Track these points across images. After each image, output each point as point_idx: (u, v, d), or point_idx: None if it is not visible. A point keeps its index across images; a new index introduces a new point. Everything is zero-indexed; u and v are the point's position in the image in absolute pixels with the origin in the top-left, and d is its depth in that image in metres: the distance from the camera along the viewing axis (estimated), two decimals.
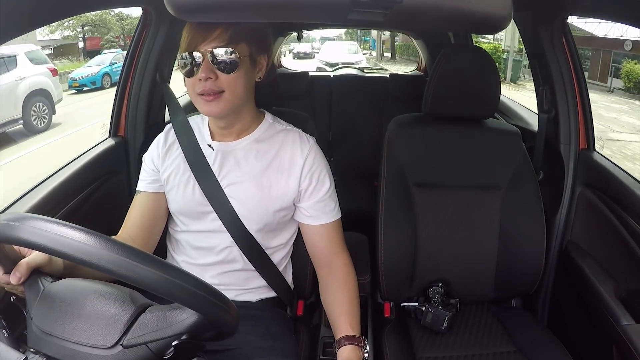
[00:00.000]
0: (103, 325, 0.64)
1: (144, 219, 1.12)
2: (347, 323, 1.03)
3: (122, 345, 0.63)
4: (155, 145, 1.15)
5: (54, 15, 0.90)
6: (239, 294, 1.12)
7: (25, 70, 7.19)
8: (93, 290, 0.69)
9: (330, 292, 1.10)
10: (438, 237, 1.34)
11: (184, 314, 0.65)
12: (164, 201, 1.13)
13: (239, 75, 0.98)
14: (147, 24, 1.50)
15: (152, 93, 1.57)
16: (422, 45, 3.28)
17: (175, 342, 0.63)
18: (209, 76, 0.96)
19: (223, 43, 0.95)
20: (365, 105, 2.81)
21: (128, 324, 0.65)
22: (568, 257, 1.44)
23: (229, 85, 0.98)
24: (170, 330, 0.64)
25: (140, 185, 1.14)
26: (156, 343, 0.64)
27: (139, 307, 0.67)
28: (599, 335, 1.26)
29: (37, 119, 7.38)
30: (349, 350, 0.98)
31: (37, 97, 7.30)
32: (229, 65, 0.96)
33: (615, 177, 1.32)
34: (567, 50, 1.45)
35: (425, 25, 0.97)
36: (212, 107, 0.99)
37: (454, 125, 1.38)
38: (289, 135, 1.12)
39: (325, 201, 1.11)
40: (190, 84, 0.99)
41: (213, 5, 0.69)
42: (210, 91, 0.97)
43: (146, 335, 0.64)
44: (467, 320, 1.38)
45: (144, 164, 1.15)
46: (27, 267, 0.73)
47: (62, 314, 0.66)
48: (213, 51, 0.95)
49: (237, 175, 1.07)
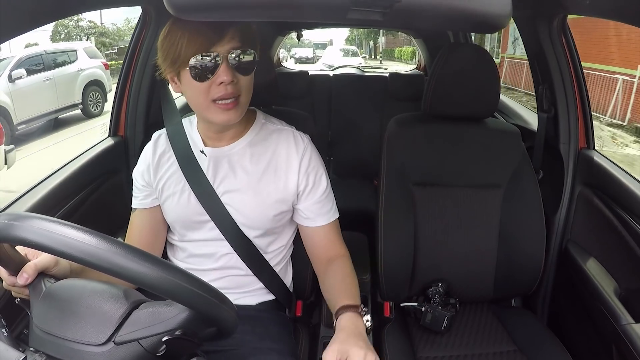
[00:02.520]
0: (96, 322, 0.64)
1: (143, 236, 1.11)
2: (345, 296, 0.96)
3: (114, 342, 0.63)
4: (143, 159, 1.11)
5: (53, 15, 0.90)
6: (238, 298, 1.12)
7: (84, 63, 8.43)
8: (89, 288, 0.69)
9: (327, 279, 1.06)
10: (438, 236, 1.34)
11: (175, 310, 0.64)
12: (160, 214, 1.11)
13: (252, 77, 0.95)
14: (147, 24, 1.50)
15: (151, 92, 1.57)
16: (422, 44, 3.28)
17: (165, 337, 0.63)
18: (232, 79, 0.90)
19: (240, 44, 0.91)
20: (365, 104, 2.81)
21: (120, 320, 0.65)
22: (568, 257, 1.44)
23: (247, 88, 0.94)
24: (162, 326, 0.64)
25: (134, 204, 1.12)
26: (148, 339, 0.64)
27: (132, 303, 0.67)
28: (599, 335, 1.26)
29: (93, 105, 8.64)
30: (347, 317, 0.90)
31: (93, 86, 8.56)
32: (248, 67, 0.92)
33: (614, 176, 1.32)
34: (567, 49, 1.45)
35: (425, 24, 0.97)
36: (231, 115, 0.93)
37: (454, 124, 1.38)
38: (282, 135, 1.09)
39: (323, 202, 1.10)
40: (203, 90, 0.91)
41: (212, 4, 0.69)
42: (231, 95, 0.91)
43: (137, 331, 0.64)
44: (467, 320, 1.37)
45: (134, 181, 1.11)
46: (34, 268, 0.73)
47: (59, 313, 0.66)
48: (232, 52, 0.90)
49: (232, 182, 1.05)
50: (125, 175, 1.56)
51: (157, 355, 0.64)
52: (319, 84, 2.90)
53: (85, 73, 8.38)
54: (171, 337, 0.63)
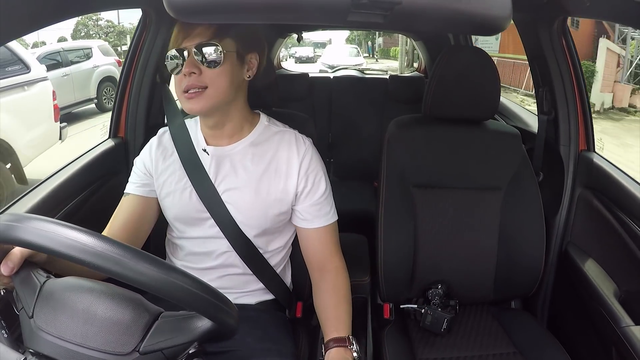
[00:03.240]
0: (119, 331, 0.64)
1: (129, 222, 1.09)
2: (333, 327, 1.03)
3: (138, 352, 0.64)
4: (147, 148, 1.13)
5: (54, 17, 0.90)
6: (238, 297, 1.12)
7: (99, 60, 8.74)
8: (103, 293, 0.67)
9: (319, 297, 1.10)
10: (438, 238, 1.34)
11: (198, 322, 0.66)
12: (152, 206, 1.11)
13: (223, 71, 0.97)
14: (147, 25, 1.50)
15: (152, 94, 1.57)
16: (422, 46, 3.28)
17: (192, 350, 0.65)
18: (192, 71, 0.95)
19: (206, 38, 0.96)
20: (365, 106, 2.81)
21: (145, 330, 0.65)
22: (568, 259, 1.44)
23: (212, 80, 0.97)
24: (185, 337, 0.65)
25: (129, 188, 1.12)
26: (171, 350, 0.65)
27: (154, 313, 0.68)
28: (599, 337, 1.26)
29: (107, 100, 8.81)
30: (334, 352, 0.99)
31: (106, 82, 8.82)
32: (214, 61, 0.96)
33: (615, 179, 1.32)
34: (567, 52, 1.45)
35: (425, 26, 0.97)
36: (194, 104, 0.98)
37: (454, 126, 1.38)
38: (285, 137, 1.10)
39: (321, 204, 1.10)
40: (177, 81, 0.99)
41: (212, 6, 0.69)
42: (194, 86, 0.96)
43: (162, 342, 0.65)
44: (467, 322, 1.37)
45: (134, 167, 1.13)
46: (20, 256, 0.69)
47: (70, 318, 0.64)
48: (196, 46, 0.95)
49: (233, 180, 1.06)
50: (125, 176, 1.55)
51: None
52: (319, 86, 2.91)
53: (99, 70, 8.69)
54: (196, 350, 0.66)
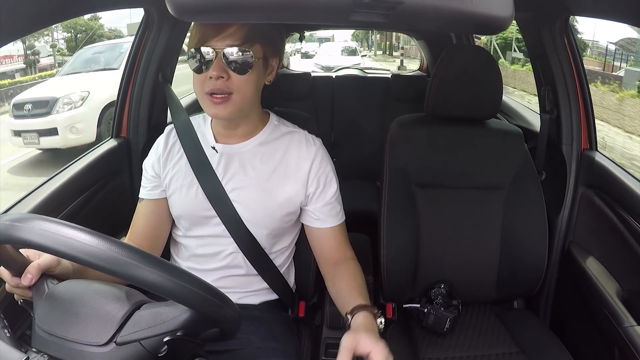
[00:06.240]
0: (97, 322, 0.64)
1: (148, 227, 1.11)
2: (359, 296, 0.97)
3: (115, 342, 0.63)
4: (154, 149, 1.12)
5: (55, 17, 0.90)
6: (242, 297, 1.12)
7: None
8: (91, 289, 0.69)
9: (337, 281, 1.06)
10: (440, 237, 1.34)
11: (176, 311, 0.65)
12: (167, 207, 1.11)
13: (250, 77, 0.94)
14: (149, 25, 1.50)
15: (154, 94, 1.57)
16: (424, 45, 3.28)
17: (166, 338, 0.63)
18: (220, 75, 0.91)
19: (238, 42, 0.91)
20: (367, 105, 2.81)
21: (121, 321, 0.65)
22: (570, 258, 1.44)
23: (240, 87, 0.94)
24: (163, 327, 0.64)
25: (142, 193, 1.12)
26: (149, 340, 0.64)
27: (134, 304, 0.67)
28: (601, 337, 1.25)
29: None
30: (363, 315, 0.90)
31: None
32: (243, 66, 0.92)
33: (617, 178, 1.32)
34: (569, 51, 1.44)
35: (427, 26, 0.97)
36: (219, 110, 0.95)
37: (456, 125, 1.38)
38: (295, 137, 1.10)
39: (332, 204, 1.10)
40: (199, 80, 0.95)
41: (215, 6, 0.69)
42: (220, 91, 0.93)
43: (139, 332, 0.64)
44: (470, 321, 1.37)
45: (144, 172, 1.13)
46: (38, 268, 0.73)
47: (61, 314, 0.66)
48: (227, 49, 0.91)
49: (242, 179, 1.05)
50: (128, 176, 1.57)
51: (159, 355, 0.64)
52: (322, 85, 2.91)
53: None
54: (172, 338, 0.63)
